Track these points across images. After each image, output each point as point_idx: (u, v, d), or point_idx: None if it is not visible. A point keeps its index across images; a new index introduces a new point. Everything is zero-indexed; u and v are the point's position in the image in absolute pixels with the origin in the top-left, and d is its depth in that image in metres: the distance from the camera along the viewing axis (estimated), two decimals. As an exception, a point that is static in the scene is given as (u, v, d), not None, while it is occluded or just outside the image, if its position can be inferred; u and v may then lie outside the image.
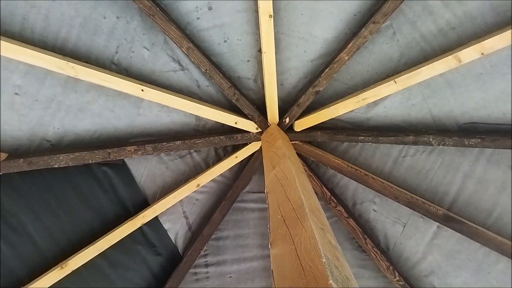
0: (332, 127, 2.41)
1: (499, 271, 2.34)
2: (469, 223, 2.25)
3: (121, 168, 2.35)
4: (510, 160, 2.23)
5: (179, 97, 2.18)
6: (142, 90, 2.08)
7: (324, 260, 0.83)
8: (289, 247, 0.95)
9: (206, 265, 2.68)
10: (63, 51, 2.03)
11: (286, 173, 1.38)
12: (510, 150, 2.19)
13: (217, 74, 2.14)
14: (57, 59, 1.96)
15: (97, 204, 2.37)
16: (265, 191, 1.43)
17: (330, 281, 0.77)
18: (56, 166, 2.16)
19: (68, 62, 1.98)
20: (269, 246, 1.04)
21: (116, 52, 2.11)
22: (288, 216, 1.09)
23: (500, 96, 2.12)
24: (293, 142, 2.39)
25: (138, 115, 2.26)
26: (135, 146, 2.20)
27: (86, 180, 2.33)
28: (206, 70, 2.12)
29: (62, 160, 2.16)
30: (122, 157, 2.21)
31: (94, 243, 2.31)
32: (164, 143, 2.24)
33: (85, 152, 2.16)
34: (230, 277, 2.69)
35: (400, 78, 2.10)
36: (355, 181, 2.43)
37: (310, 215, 1.03)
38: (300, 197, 1.12)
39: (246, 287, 2.70)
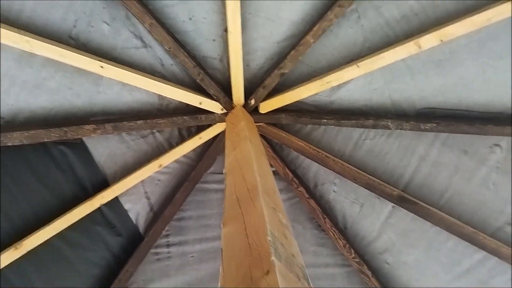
0: (296, 109, 2.43)
1: (448, 249, 2.49)
2: (422, 203, 2.37)
3: (79, 147, 2.28)
4: (464, 145, 2.34)
5: (141, 75, 2.11)
6: (102, 67, 2.00)
7: (269, 238, 0.86)
8: (239, 226, 0.98)
9: (168, 245, 2.68)
10: (17, 24, 1.90)
11: (245, 155, 1.39)
12: (464, 135, 2.30)
13: (181, 53, 2.09)
14: (11, 32, 1.84)
15: (54, 184, 2.29)
16: (224, 172, 1.44)
17: (272, 258, 0.80)
18: (9, 144, 2.06)
19: (23, 36, 1.86)
20: (221, 226, 1.06)
21: (74, 26, 2.00)
22: (242, 197, 1.11)
23: (458, 83, 2.20)
24: (258, 124, 2.40)
25: (97, 93, 2.18)
26: (93, 125, 2.13)
27: (42, 159, 2.24)
28: (170, 48, 2.06)
29: (16, 138, 2.06)
30: (79, 136, 2.14)
31: (50, 224, 2.25)
32: (125, 122, 2.18)
33: (41, 130, 2.06)
34: (192, 256, 2.71)
35: (362, 62, 2.13)
36: (317, 163, 2.49)
37: (263, 195, 1.05)
38: (255, 178, 1.14)
39: (208, 266, 2.73)
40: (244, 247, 0.88)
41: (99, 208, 2.39)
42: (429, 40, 2.03)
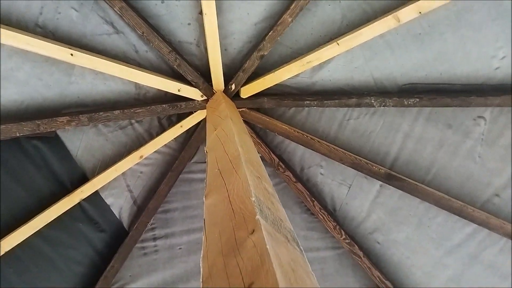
0: (278, 93, 2.39)
1: (438, 224, 2.47)
2: (410, 180, 2.35)
3: (54, 141, 2.18)
4: (447, 119, 2.32)
5: (114, 62, 2.03)
6: (72, 55, 1.91)
7: (253, 199, 0.80)
8: (222, 195, 0.92)
9: (154, 239, 2.60)
10: (-24, 12, 1.82)
11: (227, 132, 1.33)
12: (447, 109, 2.28)
13: (156, 38, 2.02)
14: (-30, 20, 1.75)
15: (29, 181, 2.19)
16: (205, 150, 1.38)
17: (257, 217, 0.74)
18: (-22, 141, 1.97)
19: (-16, 25, 1.77)
20: (204, 199, 1.00)
21: (41, 13, 1.91)
22: (224, 169, 1.05)
23: (437, 56, 2.18)
24: (240, 110, 2.34)
25: (69, 83, 2.09)
26: (67, 117, 2.04)
27: (16, 155, 2.14)
28: (143, 32, 1.99)
29: (-15, 135, 1.96)
30: (53, 129, 2.05)
31: (28, 222, 2.15)
32: (101, 113, 2.10)
33: (12, 124, 1.97)
34: (180, 248, 2.64)
35: (342, 40, 2.10)
36: (302, 145, 2.45)
37: (246, 165, 0.99)
38: (237, 150, 1.09)
39: (197, 257, 2.66)
40: (228, 213, 0.83)
41: (79, 205, 2.31)
42: (407, 13, 2.00)
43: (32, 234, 2.18)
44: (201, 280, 0.75)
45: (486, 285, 2.46)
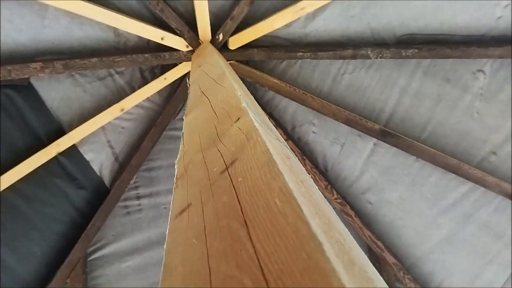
0: (270, 45, 2.24)
1: (432, 183, 2.40)
2: (405, 137, 2.25)
3: (28, 90, 2.03)
4: (446, 73, 2.21)
5: (90, 2, 1.86)
6: (43, -9, 1.74)
7: (239, 93, 0.68)
8: (204, 106, 0.80)
9: (138, 197, 2.49)
10: None
11: (212, 63, 1.20)
12: (445, 62, 2.17)
13: (135, -23, 1.85)
14: None
15: (2, 132, 2.05)
16: (188, 84, 1.25)
17: (243, 105, 0.62)
18: None
19: None
20: (184, 118, 0.88)
21: None
22: (207, 88, 0.92)
23: (438, 4, 2.05)
24: (228, 63, 2.20)
25: (43, 27, 1.92)
26: (41, 63, 1.89)
27: (-14, 104, 1.99)
28: (121, -29, 1.82)
29: (-49, 81, 1.81)
30: (26, 76, 1.89)
31: (0, 176, 2.02)
32: (77, 60, 1.95)
33: (-21, 70, 1.82)
34: (165, 208, 2.55)
35: (338, -18, 1.95)
36: (294, 100, 2.32)
37: (233, 82, 0.86)
38: (222, 70, 0.96)
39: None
40: (210, 117, 0.71)
41: (57, 159, 2.18)
42: (409, -47, 1.85)
43: (7, 190, 2.06)
44: (174, 180, 0.64)
45: (479, 244, 2.41)
